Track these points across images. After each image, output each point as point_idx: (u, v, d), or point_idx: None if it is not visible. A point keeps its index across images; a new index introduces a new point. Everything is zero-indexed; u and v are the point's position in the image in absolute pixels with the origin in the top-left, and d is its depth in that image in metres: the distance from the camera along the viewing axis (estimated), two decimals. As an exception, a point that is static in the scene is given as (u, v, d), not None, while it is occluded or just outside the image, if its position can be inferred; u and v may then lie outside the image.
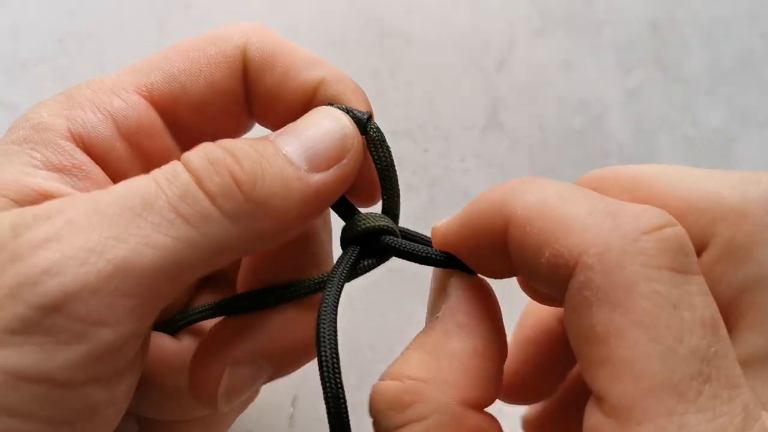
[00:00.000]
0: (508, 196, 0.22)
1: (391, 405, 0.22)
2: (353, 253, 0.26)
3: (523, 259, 0.21)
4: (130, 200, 0.21)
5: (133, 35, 0.43)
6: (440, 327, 0.23)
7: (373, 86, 0.43)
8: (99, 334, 0.20)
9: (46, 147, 0.24)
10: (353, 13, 0.44)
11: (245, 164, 0.23)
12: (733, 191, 0.22)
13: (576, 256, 0.20)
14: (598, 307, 0.19)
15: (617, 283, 0.19)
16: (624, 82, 0.45)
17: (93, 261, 0.20)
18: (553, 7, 0.45)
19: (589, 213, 0.20)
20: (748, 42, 0.46)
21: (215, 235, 0.22)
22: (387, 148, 0.26)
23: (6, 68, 0.41)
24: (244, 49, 0.27)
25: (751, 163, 0.44)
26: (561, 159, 0.43)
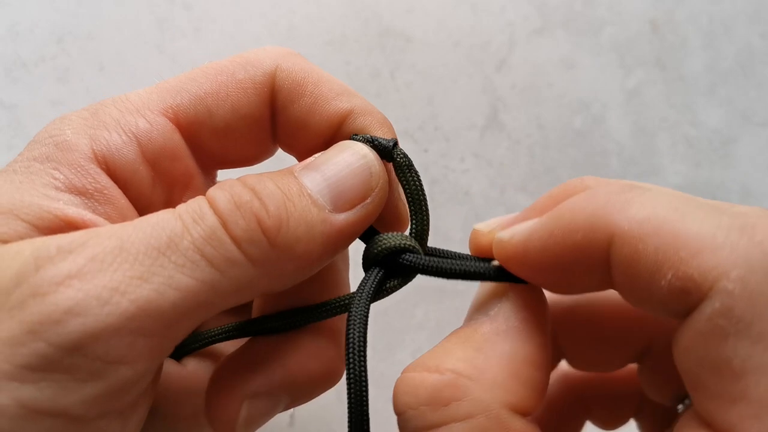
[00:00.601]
0: (608, 208, 0.20)
1: (427, 400, 0.20)
2: (377, 274, 0.25)
3: (634, 279, 0.19)
4: (155, 239, 0.21)
5: (133, 35, 0.43)
6: (491, 326, 0.22)
7: (373, 86, 0.43)
8: (117, 372, 0.20)
9: (69, 168, 0.24)
10: (353, 13, 0.44)
11: (271, 208, 0.22)
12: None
13: (711, 280, 0.18)
14: (737, 339, 0.17)
15: (763, 312, 0.17)
16: (624, 82, 0.45)
17: (116, 301, 0.20)
18: (553, 7, 0.45)
19: (717, 228, 0.18)
20: (748, 42, 0.46)
21: (238, 277, 0.22)
22: (415, 173, 0.26)
23: (6, 68, 0.41)
24: (274, 75, 0.27)
25: (751, 163, 0.44)
26: (561, 159, 0.43)
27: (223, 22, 0.43)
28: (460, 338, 0.22)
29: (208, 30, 0.43)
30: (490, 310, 0.23)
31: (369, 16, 0.44)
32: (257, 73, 0.27)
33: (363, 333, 0.23)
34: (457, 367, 0.20)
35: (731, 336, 0.17)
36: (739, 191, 0.44)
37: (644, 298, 0.20)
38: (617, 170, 0.43)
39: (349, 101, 0.27)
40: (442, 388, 0.20)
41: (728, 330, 0.17)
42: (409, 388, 0.21)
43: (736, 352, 0.17)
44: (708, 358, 0.18)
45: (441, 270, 0.25)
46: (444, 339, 0.23)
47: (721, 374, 0.18)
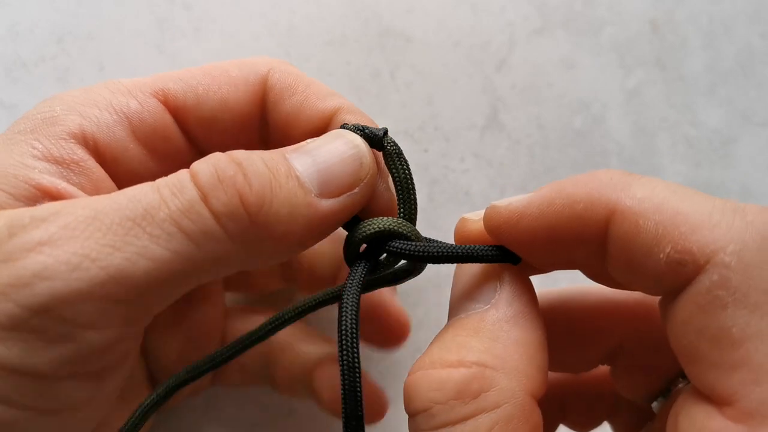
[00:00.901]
0: (610, 186, 0.21)
1: (457, 394, 0.20)
2: (365, 265, 0.25)
3: (632, 253, 0.20)
4: (131, 210, 0.21)
5: (133, 35, 0.43)
6: (498, 313, 0.22)
7: (373, 86, 0.43)
8: (86, 336, 0.21)
9: (48, 139, 0.24)
10: (353, 13, 0.44)
11: (254, 184, 0.22)
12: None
13: (709, 254, 0.19)
14: (735, 308, 0.18)
15: (758, 284, 0.18)
16: (624, 82, 0.45)
17: (86, 267, 0.20)
18: (553, 7, 0.45)
19: (713, 208, 0.19)
20: (748, 42, 0.46)
21: (215, 251, 0.22)
22: (404, 161, 0.26)
23: (6, 68, 0.41)
24: (267, 76, 0.28)
25: (751, 163, 0.44)
26: (561, 159, 0.43)
27: (223, 22, 0.43)
28: (469, 329, 0.22)
29: (208, 30, 0.43)
30: (488, 298, 0.23)
31: (369, 16, 0.44)
32: (250, 72, 0.28)
33: (355, 321, 0.23)
34: (481, 359, 0.21)
35: (729, 305, 0.18)
36: (739, 191, 0.44)
37: (639, 272, 0.20)
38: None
39: (338, 101, 0.27)
40: (471, 380, 0.20)
41: (726, 300, 0.18)
42: (435, 384, 0.20)
43: (735, 321, 0.18)
44: (708, 328, 0.19)
45: (430, 255, 0.24)
46: (447, 331, 0.22)
47: (720, 343, 0.18)
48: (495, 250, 0.23)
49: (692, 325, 0.19)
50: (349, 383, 0.23)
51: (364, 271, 0.25)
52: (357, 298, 0.24)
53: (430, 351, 0.22)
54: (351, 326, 0.23)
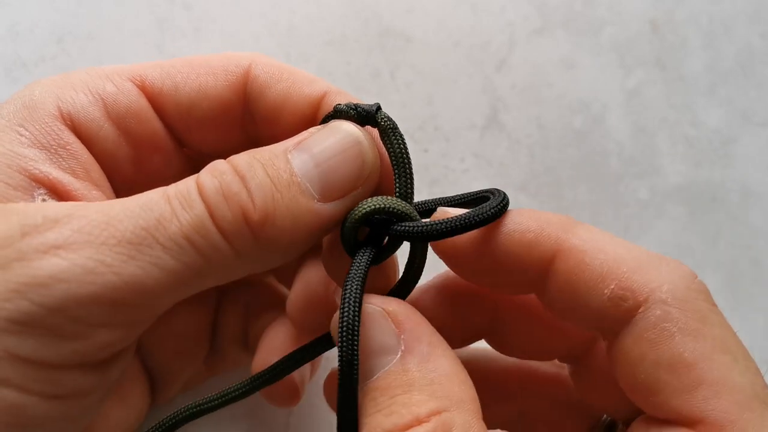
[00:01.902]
0: (557, 226, 0.23)
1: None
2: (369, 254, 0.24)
3: (575, 287, 0.23)
4: (144, 219, 0.22)
5: (133, 35, 0.43)
6: (415, 358, 0.22)
7: (373, 86, 0.43)
8: (96, 335, 0.22)
9: (34, 125, 0.25)
10: (353, 13, 0.44)
11: (258, 201, 0.23)
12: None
13: (648, 292, 0.22)
14: (682, 336, 0.21)
15: (691, 315, 0.21)
16: (624, 82, 0.45)
17: (100, 272, 0.21)
18: (553, 7, 0.45)
19: (643, 254, 0.22)
20: (748, 42, 0.46)
21: (221, 265, 0.23)
22: (400, 135, 0.26)
23: (6, 68, 0.41)
24: (248, 68, 0.28)
25: (751, 163, 0.44)
26: (561, 159, 0.43)
27: (223, 22, 0.43)
28: (400, 385, 0.22)
29: (208, 30, 0.43)
30: (394, 347, 0.22)
31: (369, 16, 0.44)
32: (231, 63, 0.28)
33: (357, 316, 0.23)
34: (431, 407, 0.21)
35: (676, 335, 0.21)
36: (739, 191, 0.44)
37: (582, 306, 0.23)
38: (617, 170, 0.43)
39: (324, 85, 0.28)
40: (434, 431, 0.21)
41: (672, 330, 0.21)
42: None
43: (685, 347, 0.21)
44: (662, 358, 0.21)
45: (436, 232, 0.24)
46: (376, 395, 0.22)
47: (677, 369, 0.21)
48: (492, 210, 0.23)
49: (648, 359, 0.21)
50: (346, 381, 0.22)
51: (368, 259, 0.24)
52: (360, 290, 0.23)
53: (376, 422, 0.21)
54: (353, 322, 0.23)
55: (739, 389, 0.20)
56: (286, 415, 0.38)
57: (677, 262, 0.23)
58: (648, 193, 0.43)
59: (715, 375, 0.20)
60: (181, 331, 0.33)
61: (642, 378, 0.22)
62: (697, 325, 0.21)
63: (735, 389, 0.20)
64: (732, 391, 0.20)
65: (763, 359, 0.23)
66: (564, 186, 0.43)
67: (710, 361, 0.21)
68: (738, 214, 0.43)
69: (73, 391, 0.23)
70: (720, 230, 0.43)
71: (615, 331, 0.23)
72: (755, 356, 0.23)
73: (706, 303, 0.22)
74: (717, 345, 0.21)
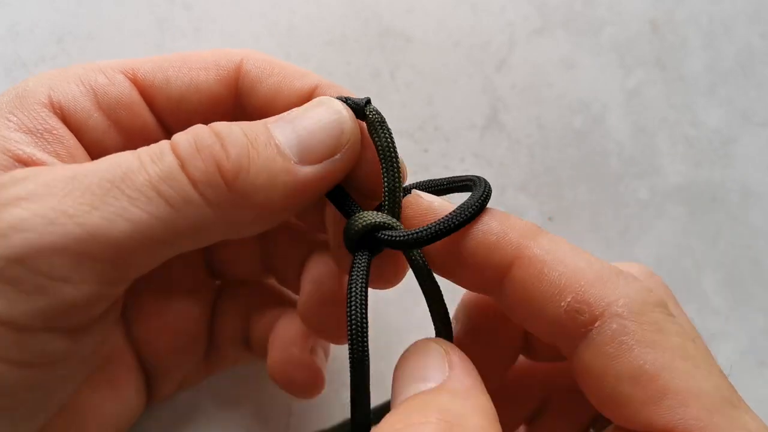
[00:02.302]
0: (520, 233, 0.24)
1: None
2: (367, 257, 0.25)
3: (532, 297, 0.23)
4: (110, 173, 0.22)
5: (133, 35, 0.43)
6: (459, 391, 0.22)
7: (373, 86, 0.43)
8: (61, 290, 0.21)
9: (22, 111, 0.25)
10: (353, 13, 0.44)
11: (232, 153, 0.23)
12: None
13: (604, 305, 0.22)
14: (640, 348, 0.21)
15: (647, 327, 0.21)
16: (624, 82, 0.45)
17: (62, 222, 0.21)
18: (553, 7, 0.45)
19: (602, 268, 0.23)
20: (748, 42, 0.46)
21: (193, 217, 0.22)
22: (387, 129, 0.26)
23: (6, 68, 0.41)
24: (240, 62, 0.28)
25: (751, 163, 0.44)
26: (561, 159, 0.43)
27: (223, 22, 0.43)
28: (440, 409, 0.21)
29: (208, 30, 0.43)
30: (434, 377, 0.23)
31: (369, 16, 0.44)
32: (222, 58, 0.28)
33: (364, 313, 0.24)
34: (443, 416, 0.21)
35: (635, 347, 0.21)
36: (739, 191, 0.44)
37: (537, 316, 0.23)
38: (617, 170, 0.44)
39: (315, 78, 0.28)
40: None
41: (630, 343, 0.21)
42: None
43: (645, 359, 0.21)
44: (624, 371, 0.21)
45: (416, 239, 0.24)
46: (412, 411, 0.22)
47: (640, 381, 0.21)
48: (471, 210, 0.24)
49: (609, 373, 0.21)
50: (359, 377, 0.23)
51: (369, 258, 0.25)
52: (365, 288, 0.24)
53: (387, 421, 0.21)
54: (360, 318, 0.23)
55: (705, 394, 0.20)
56: (286, 415, 0.38)
57: (634, 275, 0.23)
58: (648, 193, 0.43)
59: (679, 383, 0.20)
60: (176, 325, 0.33)
61: (607, 392, 0.21)
62: (654, 336, 0.21)
63: (701, 395, 0.20)
64: (698, 397, 0.20)
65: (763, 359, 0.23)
66: (564, 186, 0.43)
67: (672, 370, 0.21)
68: (738, 214, 0.43)
69: (42, 356, 0.22)
70: (720, 230, 0.43)
71: (573, 344, 0.23)
72: (755, 356, 0.22)
73: (662, 314, 0.22)
74: (677, 353, 0.21)
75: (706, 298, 0.42)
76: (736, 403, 0.21)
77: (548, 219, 0.42)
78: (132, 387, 0.32)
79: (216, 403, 0.38)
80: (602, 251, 0.42)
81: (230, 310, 0.35)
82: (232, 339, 0.35)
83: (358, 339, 0.23)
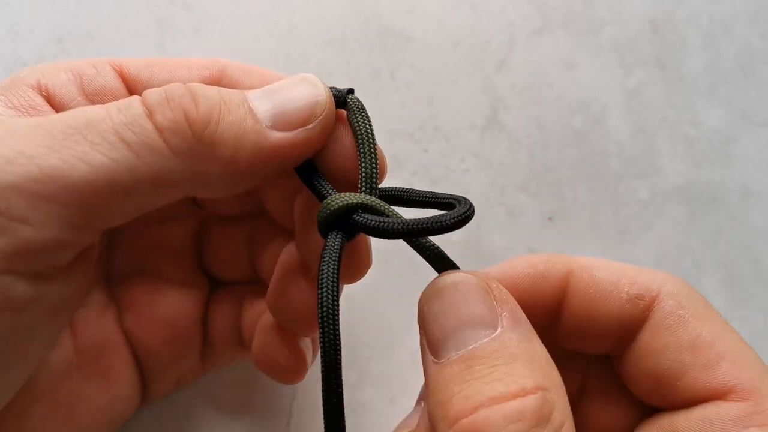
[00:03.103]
0: (560, 257, 0.27)
1: (536, 420, 0.20)
2: (340, 238, 0.25)
3: (594, 299, 0.25)
4: (74, 120, 0.22)
5: (133, 35, 0.43)
6: (516, 336, 0.22)
7: (373, 86, 0.43)
8: (19, 231, 0.21)
9: (10, 92, 0.26)
10: (353, 13, 0.44)
11: (201, 105, 0.23)
12: None
13: (657, 288, 0.25)
14: (696, 320, 0.24)
15: (696, 304, 0.24)
16: (624, 82, 0.45)
17: (20, 162, 0.21)
18: (553, 7, 0.45)
19: (638, 267, 0.26)
20: (748, 42, 0.46)
21: (157, 166, 0.22)
22: (366, 116, 0.26)
23: (6, 68, 0.41)
24: (224, 65, 0.29)
25: (751, 163, 0.44)
26: (561, 159, 0.43)
27: (223, 22, 0.43)
28: (502, 357, 0.21)
29: (208, 30, 0.43)
30: (494, 321, 0.22)
31: (369, 16, 0.44)
32: (209, 61, 0.29)
33: (335, 296, 0.23)
34: (537, 383, 0.21)
35: (690, 320, 0.24)
36: (739, 191, 0.44)
37: (601, 315, 0.25)
38: (617, 170, 0.44)
39: None
40: (542, 405, 0.21)
41: (686, 317, 0.24)
42: (515, 416, 0.20)
43: (702, 328, 0.24)
44: (683, 340, 0.24)
45: (392, 230, 0.24)
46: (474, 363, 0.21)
47: (699, 348, 0.23)
48: (453, 219, 0.23)
49: (670, 346, 0.24)
50: (330, 365, 0.22)
51: (342, 241, 0.25)
52: (336, 271, 0.23)
53: (474, 389, 0.21)
54: (332, 304, 0.23)
55: (754, 361, 0.23)
56: (287, 415, 0.38)
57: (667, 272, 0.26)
58: (648, 193, 0.43)
59: (733, 349, 0.23)
60: (168, 318, 0.33)
61: (667, 365, 0.24)
62: (705, 311, 0.24)
63: (751, 361, 0.23)
64: (750, 363, 0.23)
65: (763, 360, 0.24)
66: (564, 186, 0.43)
67: (725, 339, 0.23)
68: (738, 214, 0.43)
69: (5, 301, 0.22)
70: (720, 230, 0.43)
71: (635, 331, 0.25)
72: None
73: (703, 298, 0.25)
74: (725, 326, 0.24)
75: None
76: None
77: (548, 219, 0.42)
78: (126, 380, 0.32)
79: (216, 403, 0.38)
80: (602, 251, 0.42)
81: (224, 309, 0.35)
82: (227, 337, 0.35)
83: (329, 324, 0.22)
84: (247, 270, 0.35)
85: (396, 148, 0.42)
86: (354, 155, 0.26)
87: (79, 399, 0.30)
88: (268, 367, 0.32)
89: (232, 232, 0.34)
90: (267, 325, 0.32)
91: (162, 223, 0.33)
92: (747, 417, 0.22)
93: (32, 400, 0.28)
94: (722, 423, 0.22)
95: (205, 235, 0.35)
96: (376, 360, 0.39)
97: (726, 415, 0.22)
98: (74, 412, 0.29)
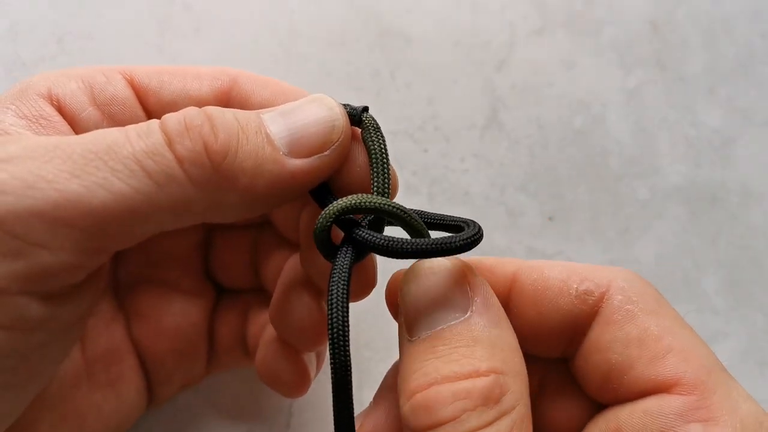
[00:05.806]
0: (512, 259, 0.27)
1: (484, 401, 0.21)
2: (350, 252, 0.25)
3: (542, 295, 0.25)
4: (95, 144, 0.22)
5: (133, 35, 0.43)
6: (483, 321, 0.23)
7: (373, 86, 0.43)
8: (37, 255, 0.21)
9: (20, 100, 0.26)
10: (353, 13, 0.44)
11: (221, 134, 0.23)
12: None
13: (606, 284, 0.25)
14: (645, 315, 0.24)
15: (647, 299, 0.24)
16: (624, 82, 0.45)
17: (41, 187, 0.21)
18: (553, 7, 0.45)
19: (591, 265, 0.26)
20: (748, 42, 0.46)
21: (176, 195, 0.22)
22: (381, 136, 0.26)
23: (6, 68, 0.41)
24: (236, 77, 0.29)
25: (751, 163, 0.44)
26: (561, 159, 0.43)
27: (223, 22, 0.43)
28: (463, 338, 0.23)
29: (208, 30, 0.43)
30: (464, 306, 0.23)
31: (369, 16, 0.44)
32: (219, 72, 0.29)
33: (345, 315, 0.23)
34: (492, 366, 0.22)
35: (638, 314, 0.24)
36: (739, 191, 0.44)
37: (551, 311, 0.25)
38: (617, 170, 0.44)
39: (307, 94, 0.28)
40: (493, 387, 0.22)
41: (635, 311, 0.24)
42: (463, 393, 0.21)
43: (650, 323, 0.23)
44: (631, 335, 0.23)
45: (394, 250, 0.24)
46: (437, 343, 0.23)
47: (647, 342, 0.23)
48: (462, 241, 0.23)
49: (618, 340, 0.24)
50: (341, 386, 0.23)
51: (351, 258, 0.24)
52: (346, 291, 0.23)
53: (433, 367, 0.22)
54: (342, 325, 0.23)
55: (703, 356, 0.23)
56: (286, 416, 0.38)
57: (622, 268, 0.26)
58: (648, 193, 0.43)
59: (682, 343, 0.23)
60: (175, 326, 0.33)
61: (614, 359, 0.23)
62: (655, 306, 0.24)
63: (700, 355, 0.23)
64: (698, 357, 0.23)
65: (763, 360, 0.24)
66: (564, 186, 0.43)
67: (674, 333, 0.23)
68: (738, 214, 0.43)
69: (19, 321, 0.22)
70: (720, 230, 0.43)
71: (585, 328, 0.25)
72: (755, 356, 0.23)
73: (657, 292, 0.25)
74: (676, 321, 0.24)
75: (706, 298, 0.42)
76: (724, 368, 0.23)
77: (548, 219, 0.43)
78: (133, 387, 0.32)
79: (216, 404, 0.38)
80: (602, 251, 0.42)
81: (230, 317, 0.35)
82: (232, 345, 0.35)
83: (339, 344, 0.23)
84: (253, 278, 0.35)
85: (396, 148, 0.42)
86: (366, 173, 0.26)
87: (88, 408, 0.30)
88: (271, 381, 0.32)
89: (238, 240, 0.34)
90: (270, 338, 0.32)
91: (168, 233, 0.33)
92: (690, 411, 0.22)
93: (42, 410, 0.28)
94: (664, 416, 0.22)
95: (211, 243, 0.35)
96: (376, 361, 0.39)
97: (668, 408, 0.22)
98: (83, 420, 0.29)
